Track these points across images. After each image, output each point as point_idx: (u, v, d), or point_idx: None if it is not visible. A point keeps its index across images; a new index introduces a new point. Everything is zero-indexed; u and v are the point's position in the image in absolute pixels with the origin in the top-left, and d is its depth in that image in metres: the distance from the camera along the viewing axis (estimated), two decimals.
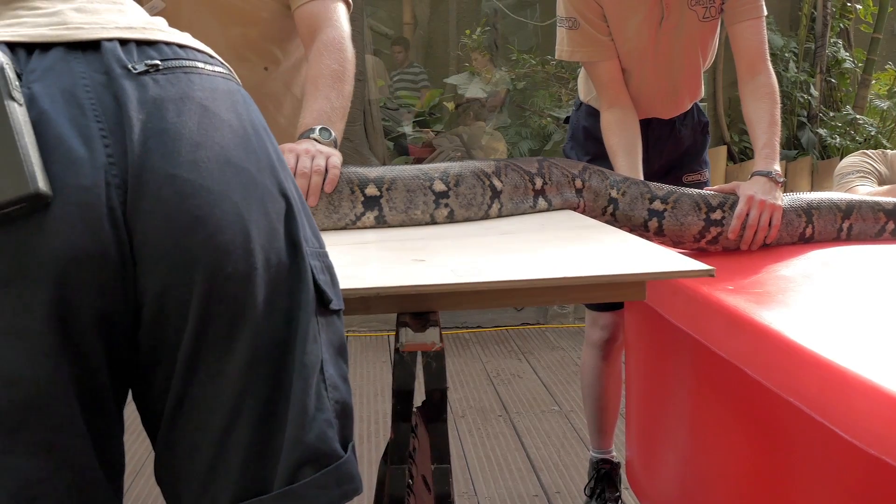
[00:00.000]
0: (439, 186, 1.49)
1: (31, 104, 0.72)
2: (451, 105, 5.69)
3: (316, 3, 1.59)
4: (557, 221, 1.52)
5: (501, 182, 1.57)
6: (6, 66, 0.71)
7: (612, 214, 1.70)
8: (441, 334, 1.05)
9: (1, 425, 0.71)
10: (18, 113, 0.70)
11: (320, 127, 1.42)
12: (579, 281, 1.03)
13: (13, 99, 0.70)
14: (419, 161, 5.01)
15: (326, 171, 1.38)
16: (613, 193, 1.70)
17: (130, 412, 0.84)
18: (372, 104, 4.92)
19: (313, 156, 1.37)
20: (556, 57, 2.05)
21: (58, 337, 0.72)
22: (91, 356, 0.75)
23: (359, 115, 4.69)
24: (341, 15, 1.60)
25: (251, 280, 0.79)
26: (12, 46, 0.76)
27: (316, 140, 1.41)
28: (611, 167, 1.90)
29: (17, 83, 0.72)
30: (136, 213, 0.74)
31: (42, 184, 0.69)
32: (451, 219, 1.51)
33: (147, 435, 0.85)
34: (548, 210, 1.65)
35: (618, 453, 2.26)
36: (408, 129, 5.42)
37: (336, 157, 1.41)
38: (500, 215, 1.58)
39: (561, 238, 1.37)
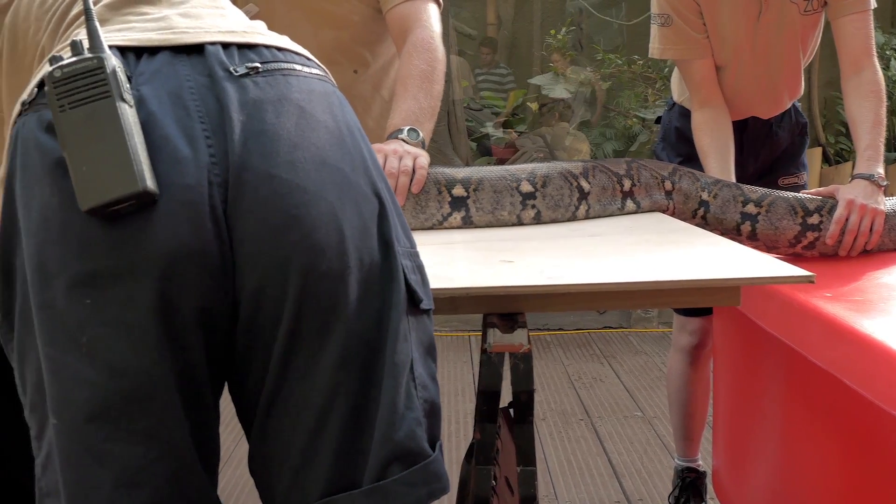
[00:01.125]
0: (526, 187, 1.49)
1: (140, 105, 0.75)
2: (534, 106, 5.66)
3: (407, 5, 1.60)
4: (646, 224, 1.50)
5: (589, 183, 1.56)
6: (118, 70, 0.74)
7: (702, 217, 1.66)
8: (529, 336, 1.05)
9: (107, 414, 0.75)
10: (129, 114, 0.73)
11: (409, 128, 1.44)
12: (673, 285, 1.01)
13: (124, 101, 0.73)
14: (502, 162, 5.01)
15: (414, 171, 1.39)
16: (704, 196, 1.66)
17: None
18: (456, 104, 4.94)
19: (401, 156, 1.39)
20: (648, 55, 2.02)
21: (161, 330, 0.75)
22: (191, 350, 0.77)
23: (443, 116, 4.72)
24: (432, 15, 1.61)
25: (344, 279, 0.80)
26: (122, 50, 0.79)
27: (404, 140, 1.42)
28: (702, 169, 1.86)
29: (127, 86, 0.75)
30: (236, 212, 0.76)
31: (150, 182, 0.72)
32: (537, 220, 1.50)
33: (241, 427, 0.88)
34: (636, 212, 1.63)
35: (703, 462, 2.20)
36: (491, 129, 5.42)
37: (423, 158, 1.41)
38: (587, 217, 1.56)
39: (651, 241, 1.34)
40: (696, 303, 1.09)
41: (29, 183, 0.76)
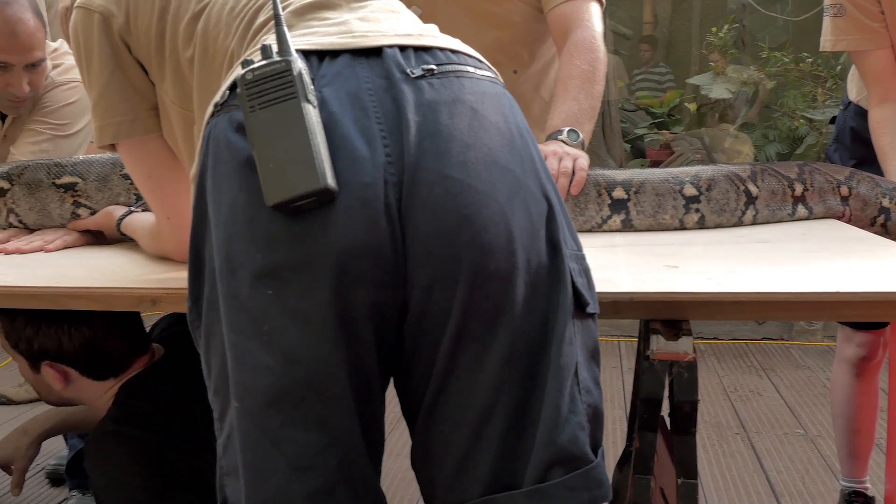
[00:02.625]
0: (690, 191, 1.44)
1: (322, 106, 0.79)
2: (692, 106, 5.48)
3: (569, 4, 1.59)
4: (821, 231, 1.41)
5: (757, 187, 1.49)
6: (304, 72, 0.78)
7: (882, 226, 1.55)
8: (694, 345, 1.01)
9: (284, 400, 0.78)
10: (313, 114, 0.76)
11: (568, 129, 1.42)
12: (855, 297, 0.94)
13: (309, 102, 0.77)
14: (656, 164, 4.88)
15: (573, 173, 1.37)
16: (885, 203, 1.55)
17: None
18: (611, 105, 4.86)
19: (560, 157, 1.38)
20: (820, 48, 1.90)
21: (336, 322, 0.78)
22: (363, 343, 0.80)
23: (597, 117, 4.65)
24: (594, 14, 1.58)
25: (512, 279, 0.80)
26: (306, 54, 0.83)
27: (563, 142, 1.41)
28: (880, 173, 1.73)
29: (312, 87, 0.78)
30: (410, 210, 0.78)
31: (331, 180, 0.75)
32: (701, 224, 1.45)
33: (405, 422, 0.90)
34: (808, 219, 1.54)
35: (872, 486, 2.06)
36: (645, 130, 5.29)
37: (583, 160, 1.40)
38: (754, 222, 1.49)
39: (827, 249, 1.27)
40: (880, 317, 1.01)
41: (219, 180, 0.81)
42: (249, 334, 0.78)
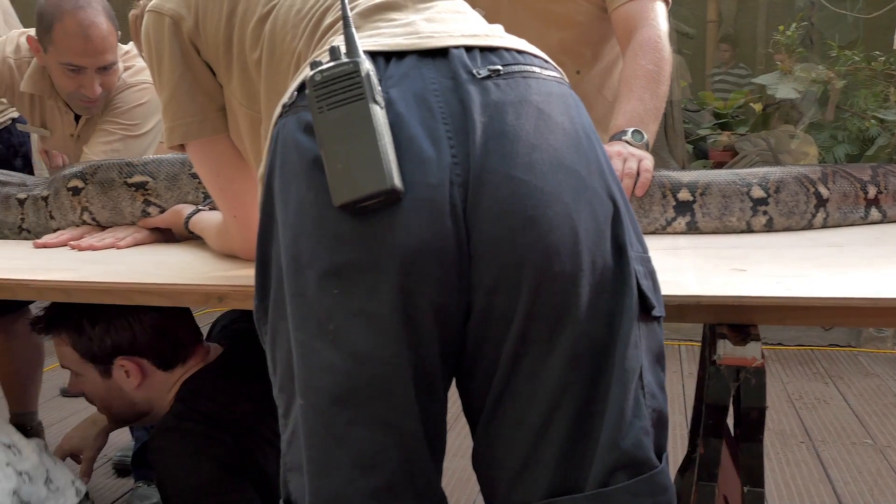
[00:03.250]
0: (758, 192, 1.41)
1: (389, 107, 0.79)
2: (758, 106, 5.35)
3: (634, 4, 1.57)
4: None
5: (828, 189, 1.45)
6: (372, 74, 0.78)
7: None
8: (762, 350, 0.99)
9: (349, 399, 0.79)
10: (380, 115, 0.77)
11: (633, 129, 1.40)
12: None
13: (376, 102, 0.77)
14: (719, 165, 4.78)
15: (638, 174, 1.35)
16: None
17: None
18: (674, 105, 4.78)
19: (625, 158, 1.36)
20: (894, 46, 1.84)
21: (401, 322, 0.78)
22: (427, 343, 0.80)
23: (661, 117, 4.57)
24: (659, 14, 1.56)
25: (577, 281, 0.79)
26: (373, 55, 0.83)
27: (628, 142, 1.39)
28: None
29: (379, 88, 0.79)
30: (475, 211, 0.78)
31: (397, 181, 0.75)
32: (769, 227, 1.41)
33: (467, 422, 0.90)
34: (881, 222, 1.49)
35: None
36: (708, 130, 5.19)
37: (648, 161, 1.38)
38: (824, 225, 1.45)
39: None
40: None
41: (287, 179, 0.82)
42: (315, 333, 0.79)
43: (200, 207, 1.49)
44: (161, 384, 1.46)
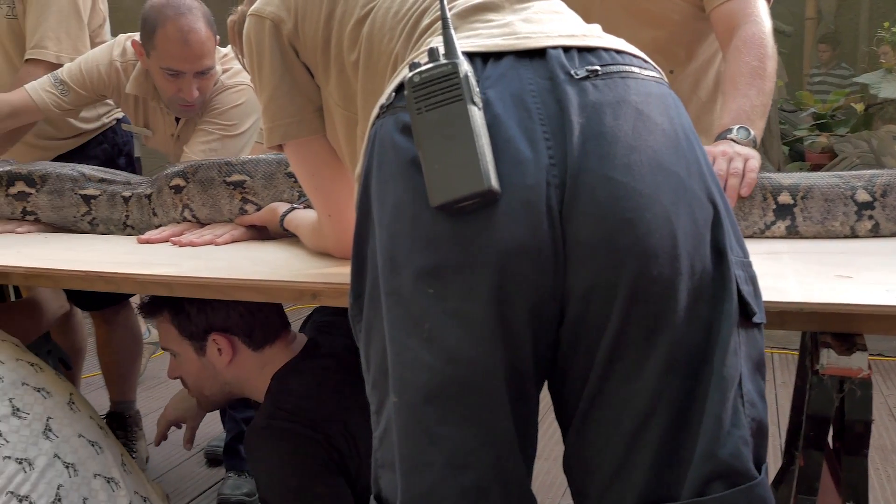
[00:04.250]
0: (863, 196, 1.35)
1: (486, 108, 0.79)
2: (860, 107, 5.13)
3: (736, 1, 1.52)
4: None
5: None
6: (470, 75, 0.79)
7: None
8: (868, 360, 0.95)
9: (442, 397, 0.79)
10: (478, 116, 0.77)
11: (738, 126, 1.36)
12: None
13: (474, 103, 0.77)
14: (817, 168, 4.60)
15: (744, 174, 1.31)
16: None
17: None
18: (770, 105, 4.62)
19: (731, 158, 1.31)
20: None
21: (496, 323, 0.78)
22: (521, 344, 0.80)
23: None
24: (762, 10, 1.51)
25: (675, 285, 0.78)
26: (471, 56, 0.83)
27: (734, 140, 1.34)
28: None
29: (477, 89, 0.79)
30: (571, 213, 0.77)
31: (494, 182, 0.75)
32: (875, 232, 1.35)
33: (559, 425, 0.89)
34: None
35: None
36: (805, 132, 5.00)
37: (755, 160, 1.32)
38: None
39: None
40: None
41: (384, 179, 0.83)
42: (410, 331, 0.80)
43: (295, 206, 1.52)
44: (251, 365, 1.51)
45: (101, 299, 2.28)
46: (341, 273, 1.19)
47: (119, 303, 2.39)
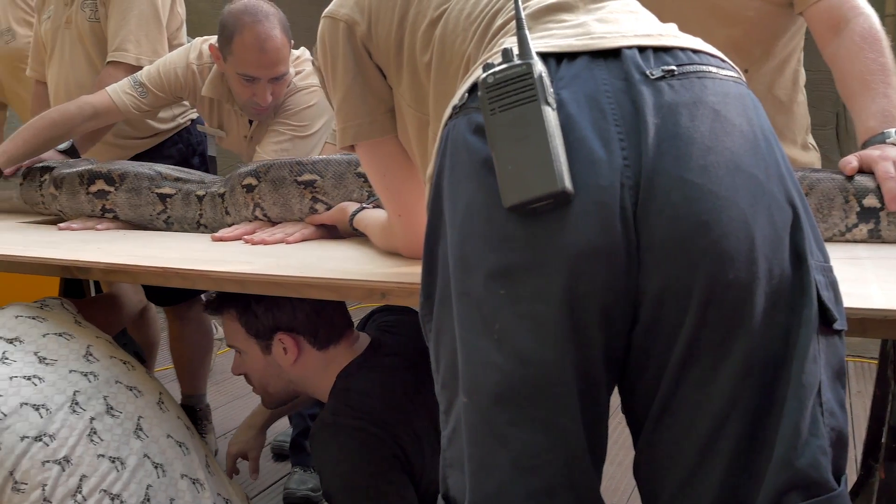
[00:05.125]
0: None
1: (560, 108, 0.79)
2: None
3: None
4: None
5: None
6: (544, 75, 0.78)
7: None
8: None
9: (512, 399, 0.79)
10: (552, 117, 0.77)
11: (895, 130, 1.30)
12: None
13: (548, 104, 0.77)
14: None
15: None
16: None
17: None
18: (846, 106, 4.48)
19: (894, 161, 1.26)
20: None
21: (567, 325, 0.77)
22: (592, 347, 0.79)
23: (831, 118, 4.31)
24: (863, 2, 1.46)
25: (752, 289, 0.76)
26: (544, 56, 0.83)
27: (893, 144, 1.30)
28: None
29: (552, 90, 0.79)
30: (645, 215, 0.76)
31: (568, 183, 0.75)
32: None
33: (629, 430, 0.88)
34: None
35: None
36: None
37: None
38: None
39: None
40: None
41: (457, 180, 0.83)
42: (480, 332, 0.80)
43: (365, 206, 1.54)
44: (315, 364, 1.53)
45: (175, 295, 2.35)
46: (410, 273, 1.20)
47: (191, 299, 2.45)
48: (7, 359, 1.34)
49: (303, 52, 2.12)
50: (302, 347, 1.51)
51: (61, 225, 1.88)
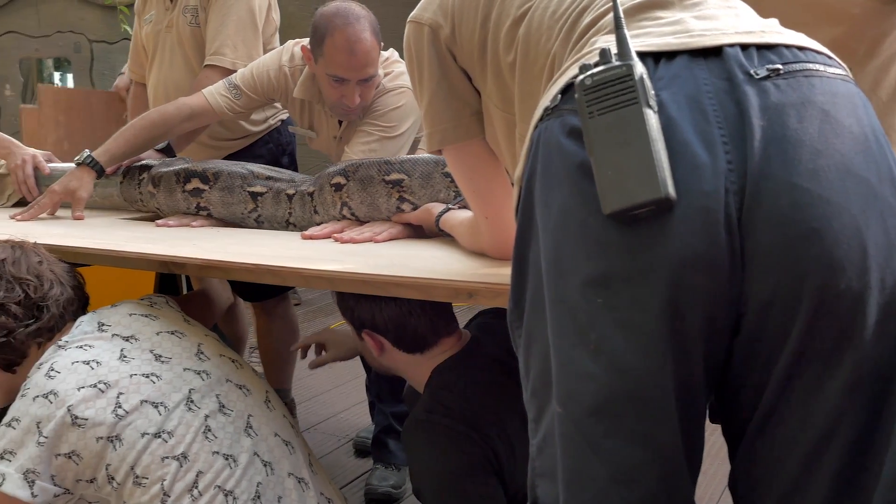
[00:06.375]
0: None
1: (660, 110, 0.76)
2: None
3: None
4: None
5: None
6: (645, 77, 0.76)
7: None
8: None
9: (608, 410, 0.77)
10: (653, 120, 0.74)
11: None
12: None
13: (650, 107, 0.75)
14: None
15: None
16: None
17: None
18: None
19: None
20: None
21: (667, 336, 0.75)
22: (692, 358, 0.77)
23: None
24: None
25: (863, 300, 0.73)
26: (641, 56, 0.80)
27: None
28: None
29: (652, 92, 0.76)
30: (751, 221, 0.74)
31: (671, 189, 0.73)
32: None
33: (725, 442, 0.85)
34: None
35: None
36: None
37: None
38: None
39: None
40: None
41: (549, 184, 0.81)
42: (575, 341, 0.78)
43: (450, 206, 1.54)
44: (404, 360, 1.53)
45: (263, 291, 2.40)
46: (497, 273, 1.20)
47: (279, 295, 2.51)
48: (126, 356, 1.38)
49: (392, 54, 2.14)
50: (385, 347, 1.52)
51: (158, 222, 1.95)
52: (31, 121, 3.17)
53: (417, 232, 1.64)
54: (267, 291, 2.42)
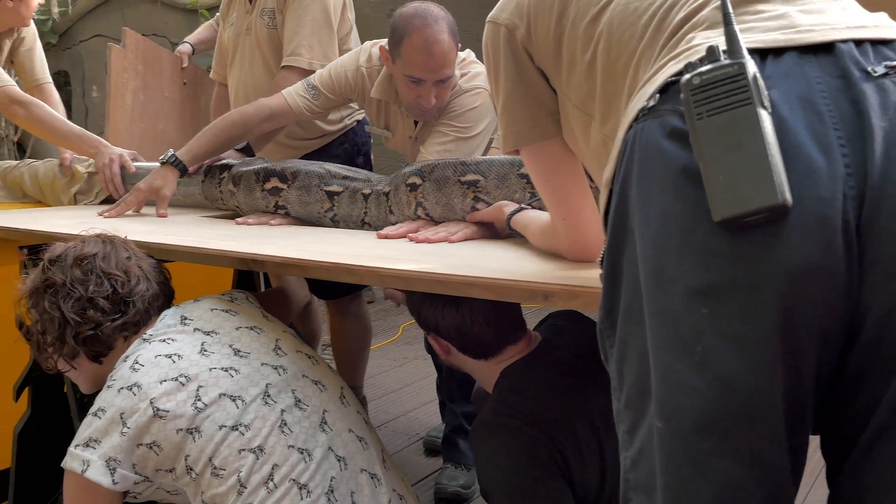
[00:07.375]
0: None
1: (771, 111, 0.72)
2: None
3: None
4: None
5: None
6: (758, 76, 0.72)
7: None
8: None
9: (714, 427, 0.73)
10: (768, 122, 0.70)
11: None
12: None
13: (764, 108, 0.71)
14: None
15: None
16: None
17: None
18: None
19: None
20: None
21: (778, 349, 0.71)
22: (803, 372, 0.73)
23: None
24: None
25: None
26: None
27: None
28: None
29: (766, 92, 0.72)
30: (872, 229, 0.70)
31: (787, 195, 0.69)
32: None
33: (823, 456, 0.82)
34: None
35: None
36: None
37: None
38: None
39: None
40: None
41: (648, 188, 0.78)
42: (679, 353, 0.74)
43: (523, 206, 1.53)
44: (469, 364, 1.53)
45: (338, 289, 2.43)
46: (574, 276, 1.18)
47: (353, 293, 2.53)
48: (206, 350, 1.42)
49: (468, 55, 2.13)
50: (450, 350, 1.52)
51: (238, 220, 1.99)
52: (119, 60, 3.26)
53: (493, 232, 1.63)
54: (341, 290, 2.45)
